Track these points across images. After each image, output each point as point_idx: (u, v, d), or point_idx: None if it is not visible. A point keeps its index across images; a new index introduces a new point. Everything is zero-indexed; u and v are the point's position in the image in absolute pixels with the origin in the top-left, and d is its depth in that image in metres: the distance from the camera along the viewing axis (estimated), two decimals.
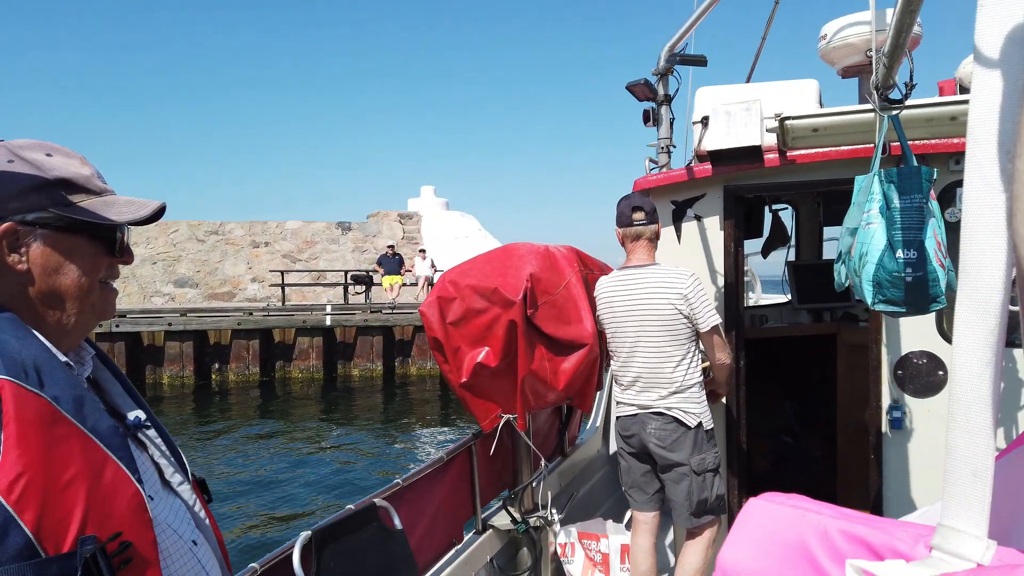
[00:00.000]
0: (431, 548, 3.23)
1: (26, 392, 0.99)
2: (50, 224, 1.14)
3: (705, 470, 3.33)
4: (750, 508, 1.37)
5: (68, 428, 1.02)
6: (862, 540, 1.03)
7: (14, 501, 0.94)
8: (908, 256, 2.56)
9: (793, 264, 5.79)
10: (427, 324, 3.38)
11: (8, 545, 0.93)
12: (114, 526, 1.02)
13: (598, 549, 3.71)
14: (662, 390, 3.34)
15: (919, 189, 2.59)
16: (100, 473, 1.03)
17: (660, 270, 3.40)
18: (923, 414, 3.63)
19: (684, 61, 4.05)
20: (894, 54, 2.55)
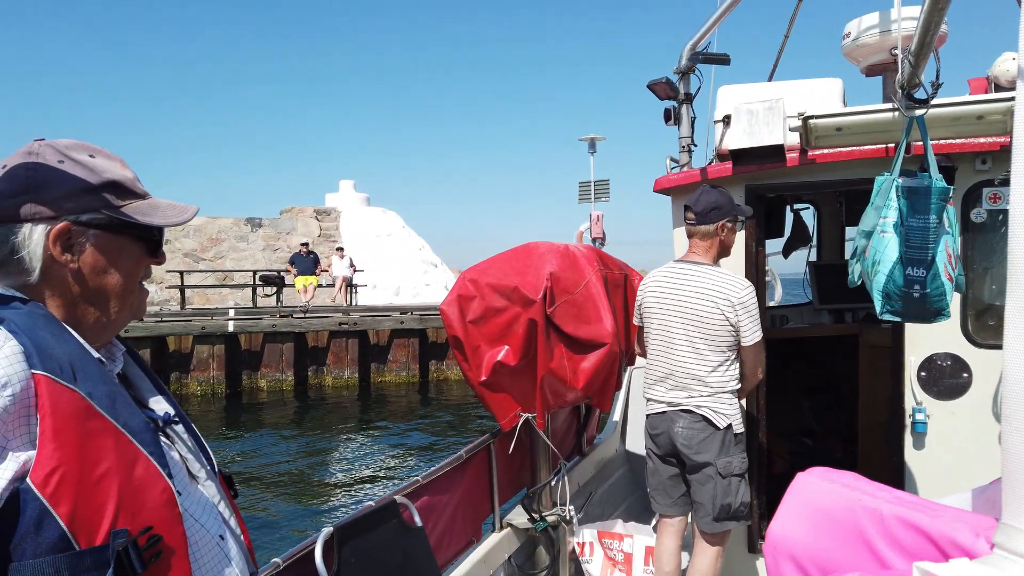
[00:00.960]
0: (450, 545, 3.24)
1: (62, 387, 1.01)
2: (102, 225, 1.17)
3: (731, 474, 3.26)
4: (802, 483, 1.36)
5: (102, 423, 1.04)
6: (919, 528, 1.02)
7: (49, 494, 0.96)
8: (916, 274, 2.63)
9: (814, 264, 5.74)
10: (447, 322, 3.39)
11: (43, 537, 0.95)
12: (145, 520, 1.04)
13: (620, 549, 3.70)
14: (693, 391, 3.29)
15: (932, 209, 2.61)
16: (132, 467, 1.05)
17: (716, 273, 3.32)
18: (947, 417, 3.59)
19: (707, 60, 4.02)
20: (920, 53, 2.52)
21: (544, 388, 3.39)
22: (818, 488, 1.29)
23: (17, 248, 1.10)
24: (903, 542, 1.06)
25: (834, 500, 1.23)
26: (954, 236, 2.69)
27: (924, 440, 3.61)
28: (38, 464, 0.96)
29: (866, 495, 1.18)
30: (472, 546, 3.43)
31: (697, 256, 3.40)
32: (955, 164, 3.31)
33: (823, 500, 1.25)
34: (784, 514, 1.34)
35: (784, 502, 1.39)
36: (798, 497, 1.34)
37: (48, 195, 1.12)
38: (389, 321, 18.63)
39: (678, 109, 4.22)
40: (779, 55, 5.31)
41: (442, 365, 19.30)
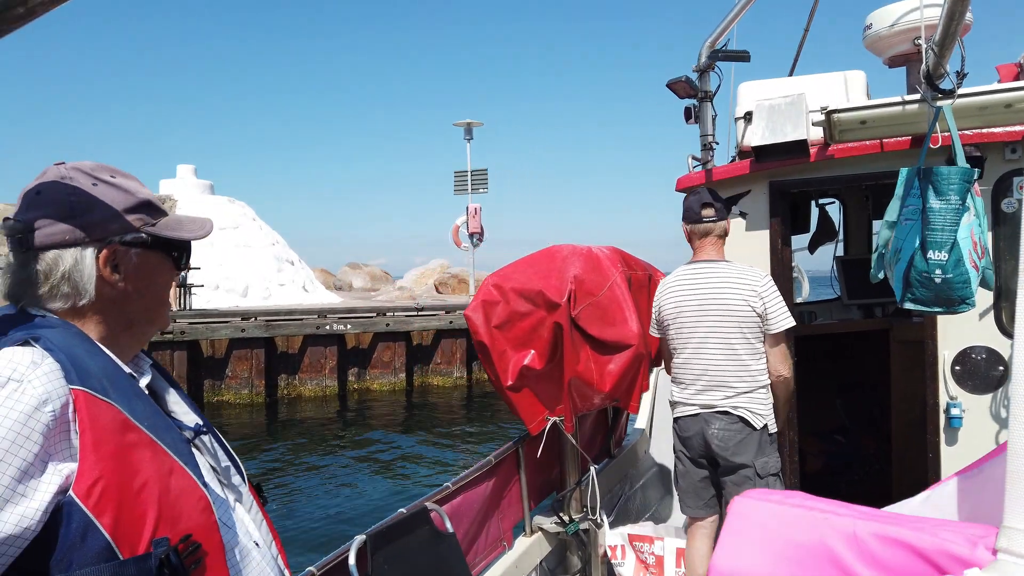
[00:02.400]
0: (481, 551, 3.24)
1: (99, 401, 1.04)
2: (144, 244, 1.22)
3: (768, 474, 3.22)
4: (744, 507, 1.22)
5: (138, 435, 1.07)
6: (904, 543, 0.93)
7: (92, 505, 0.98)
8: (938, 258, 2.57)
9: (842, 259, 5.67)
10: (472, 328, 3.39)
11: (88, 547, 0.98)
12: (184, 528, 1.07)
13: (651, 552, 3.67)
14: (728, 390, 3.24)
15: (956, 191, 2.55)
16: (168, 478, 1.08)
17: (734, 266, 3.32)
18: (983, 412, 3.52)
19: (726, 57, 3.99)
20: (945, 42, 2.48)
21: (571, 391, 3.38)
22: (768, 511, 1.15)
23: (69, 273, 1.13)
24: (886, 561, 0.97)
25: (790, 522, 1.09)
26: (982, 226, 2.63)
27: (960, 435, 3.54)
28: (80, 476, 0.99)
29: (829, 513, 1.06)
30: (503, 551, 3.43)
31: (712, 254, 3.39)
32: (984, 154, 3.25)
33: (777, 524, 1.12)
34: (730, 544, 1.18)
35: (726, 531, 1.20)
36: (744, 523, 1.16)
37: (92, 219, 1.15)
38: (227, 329, 15.93)
39: (698, 107, 4.19)
40: (799, 49, 5.26)
41: (293, 379, 16.82)
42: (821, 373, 5.29)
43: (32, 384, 0.98)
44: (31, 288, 1.13)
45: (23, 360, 1.00)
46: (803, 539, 1.02)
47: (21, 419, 0.96)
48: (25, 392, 0.97)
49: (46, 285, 1.13)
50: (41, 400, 0.98)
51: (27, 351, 1.02)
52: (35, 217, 1.13)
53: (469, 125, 22.54)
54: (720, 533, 1.16)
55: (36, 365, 1.00)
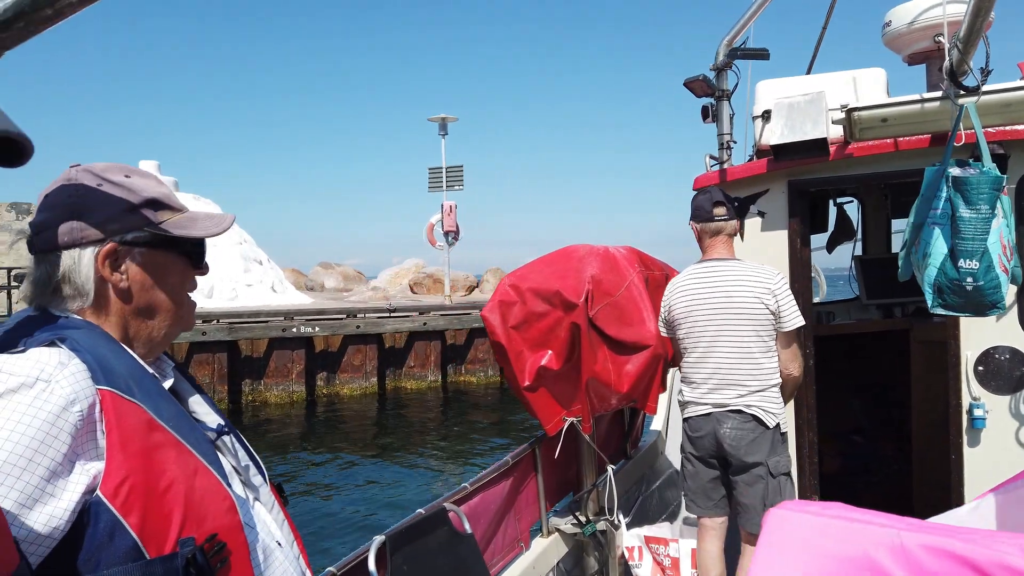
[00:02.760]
0: (498, 552, 3.24)
1: (126, 401, 1.04)
2: (147, 242, 1.20)
3: (780, 473, 3.22)
4: (779, 520, 1.15)
5: (163, 435, 1.07)
6: (956, 556, 0.89)
7: (120, 504, 0.99)
8: (970, 267, 2.57)
9: (860, 259, 5.62)
10: (489, 329, 3.39)
11: (116, 547, 0.98)
12: (209, 528, 1.07)
13: (667, 553, 3.65)
14: (741, 388, 3.23)
15: (986, 200, 2.53)
16: (193, 478, 1.08)
17: (746, 265, 3.31)
18: (1006, 412, 3.48)
19: (745, 55, 3.96)
20: (970, 39, 2.45)
21: (589, 392, 3.36)
22: (806, 523, 1.10)
23: (69, 274, 1.13)
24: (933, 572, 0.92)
25: (831, 534, 1.05)
26: (1010, 227, 2.60)
27: (983, 436, 3.50)
28: (107, 476, 0.99)
29: (873, 525, 1.02)
30: (520, 552, 3.43)
31: (723, 253, 3.37)
32: (1007, 152, 3.20)
33: (816, 536, 1.07)
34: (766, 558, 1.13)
35: (763, 545, 1.12)
36: (782, 537, 1.12)
37: (92, 219, 1.15)
38: (187, 332, 15.77)
39: (716, 106, 4.16)
40: (817, 47, 5.21)
41: (258, 385, 16.38)
42: (839, 374, 5.24)
43: (60, 384, 0.98)
44: (42, 290, 1.14)
45: (50, 361, 1.00)
46: (845, 552, 0.97)
47: (50, 419, 0.96)
48: (53, 392, 0.97)
49: (51, 286, 1.13)
50: (69, 400, 0.98)
51: (53, 352, 1.02)
52: (42, 220, 1.14)
53: (444, 120, 21.45)
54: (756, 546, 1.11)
55: (63, 366, 1.00)
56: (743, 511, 3.29)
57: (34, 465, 0.94)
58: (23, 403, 0.95)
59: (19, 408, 0.95)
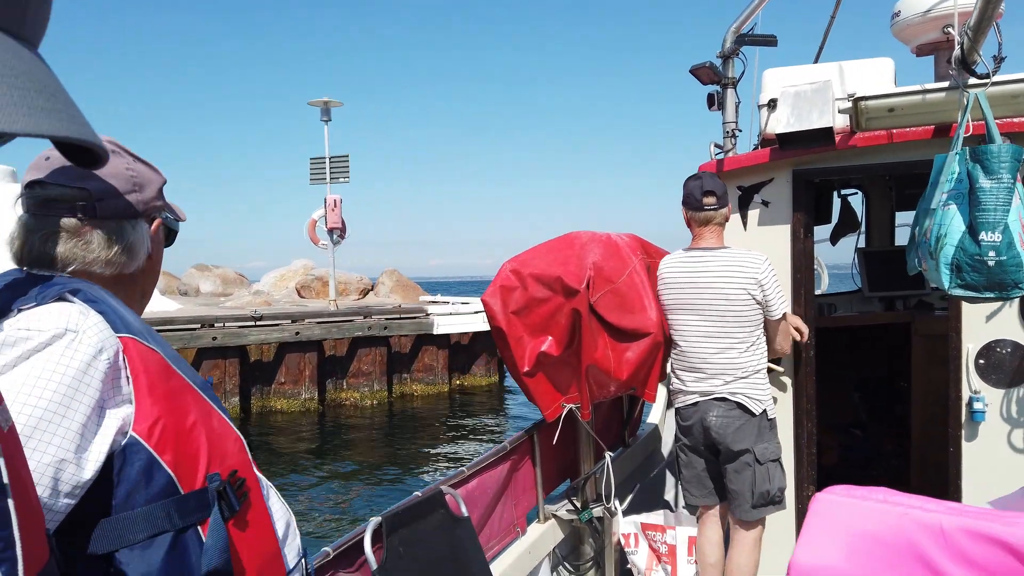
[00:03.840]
0: (494, 536, 3.24)
1: (146, 348, 1.08)
2: (167, 222, 1.32)
3: (768, 459, 3.24)
4: (824, 504, 1.19)
5: (180, 381, 1.12)
6: (994, 539, 0.90)
7: (155, 443, 1.04)
8: (991, 239, 2.48)
9: (864, 251, 5.60)
10: (490, 313, 3.38)
11: (154, 484, 1.03)
12: (230, 464, 1.14)
13: (664, 540, 3.66)
14: (727, 376, 3.25)
15: (1008, 168, 2.48)
16: (209, 419, 1.14)
17: (733, 253, 3.31)
18: (1007, 405, 3.47)
19: (753, 42, 3.92)
20: (980, 26, 2.42)
21: (588, 378, 3.36)
22: (850, 507, 1.14)
23: (132, 243, 1.21)
24: (974, 556, 0.94)
25: (874, 518, 1.08)
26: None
27: (983, 429, 3.49)
28: (139, 417, 1.04)
29: (915, 509, 1.04)
30: (516, 537, 3.43)
31: (711, 241, 3.36)
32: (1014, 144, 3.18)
33: (859, 520, 1.11)
34: (810, 540, 1.16)
35: (808, 526, 1.20)
36: (825, 520, 1.17)
37: (148, 194, 1.24)
38: None
39: (722, 94, 4.12)
40: (825, 36, 5.17)
41: None
42: (839, 365, 5.24)
43: (88, 334, 1.02)
44: (86, 254, 1.16)
45: (72, 312, 1.03)
46: (886, 535, 0.99)
47: (82, 367, 0.99)
48: (82, 342, 1.01)
49: (108, 251, 1.17)
50: (97, 349, 1.02)
51: (70, 305, 1.05)
52: (100, 188, 1.18)
53: (326, 105, 18.92)
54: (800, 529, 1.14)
55: (85, 316, 1.04)
56: (732, 498, 3.31)
57: (72, 412, 0.98)
58: (55, 354, 0.98)
59: (52, 359, 0.98)
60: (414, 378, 17.62)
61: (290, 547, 1.31)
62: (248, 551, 1.13)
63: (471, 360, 18.72)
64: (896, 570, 0.97)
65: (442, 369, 17.87)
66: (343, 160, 19.27)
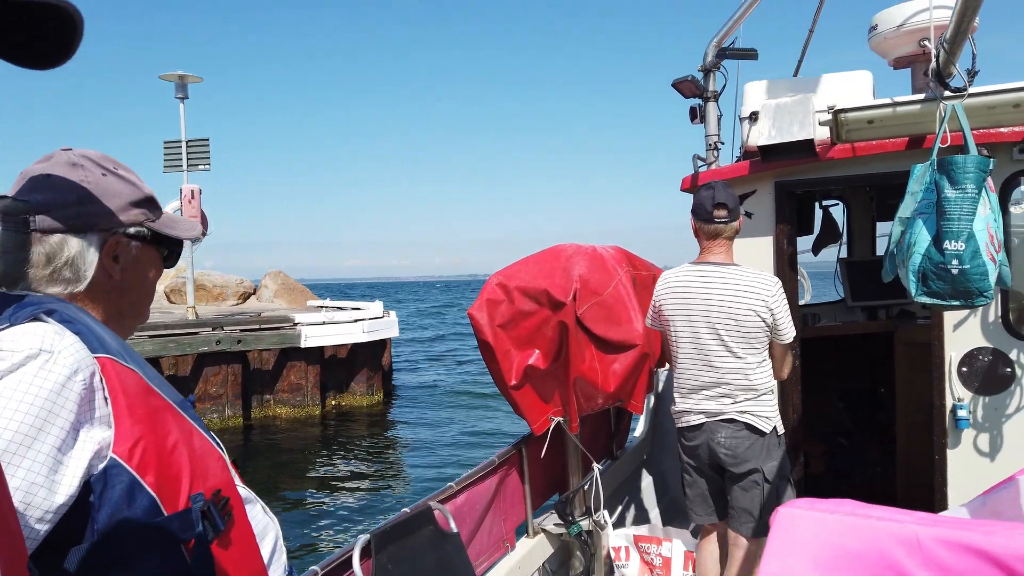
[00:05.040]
0: (483, 551, 3.22)
1: (124, 367, 1.06)
2: (143, 238, 1.24)
3: (778, 478, 3.15)
4: (788, 518, 1.15)
5: (159, 400, 1.10)
6: (973, 549, 0.89)
7: (136, 465, 1.01)
8: (955, 248, 2.52)
9: (846, 261, 5.65)
10: (476, 327, 3.37)
11: (136, 506, 1.01)
12: (212, 484, 1.12)
13: (658, 553, 3.65)
14: (736, 396, 3.13)
15: (972, 179, 2.52)
16: (190, 438, 1.12)
17: (744, 272, 3.14)
18: (990, 412, 3.50)
19: (734, 55, 3.97)
20: (956, 39, 2.47)
21: (576, 391, 3.35)
22: (816, 520, 1.11)
23: (73, 258, 1.14)
24: (951, 566, 0.92)
25: (844, 531, 1.05)
26: (997, 221, 2.60)
27: (966, 436, 3.52)
28: (119, 439, 1.02)
29: (887, 520, 1.02)
30: (505, 552, 3.41)
31: (719, 256, 3.19)
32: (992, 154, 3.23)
33: (828, 533, 1.07)
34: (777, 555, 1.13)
35: (772, 541, 1.15)
36: (791, 534, 1.12)
37: (102, 208, 1.17)
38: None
39: (704, 107, 4.17)
40: (804, 50, 5.24)
41: None
42: (824, 375, 5.27)
43: (63, 355, 0.99)
44: (29, 270, 1.13)
45: (47, 332, 1.01)
46: (858, 548, 0.97)
47: (56, 389, 0.97)
48: (57, 363, 0.98)
49: (48, 268, 1.13)
50: (72, 370, 0.99)
51: (45, 325, 1.02)
52: (43, 200, 1.13)
53: (182, 80, 16.32)
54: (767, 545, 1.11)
55: (61, 336, 1.01)
56: (736, 514, 3.22)
57: (45, 435, 0.95)
58: (29, 374, 0.96)
59: (26, 380, 0.96)
60: (278, 399, 15.23)
61: (277, 563, 1.29)
62: (233, 570, 1.12)
63: (349, 376, 16.30)
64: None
65: (312, 388, 15.36)
66: (202, 144, 16.62)
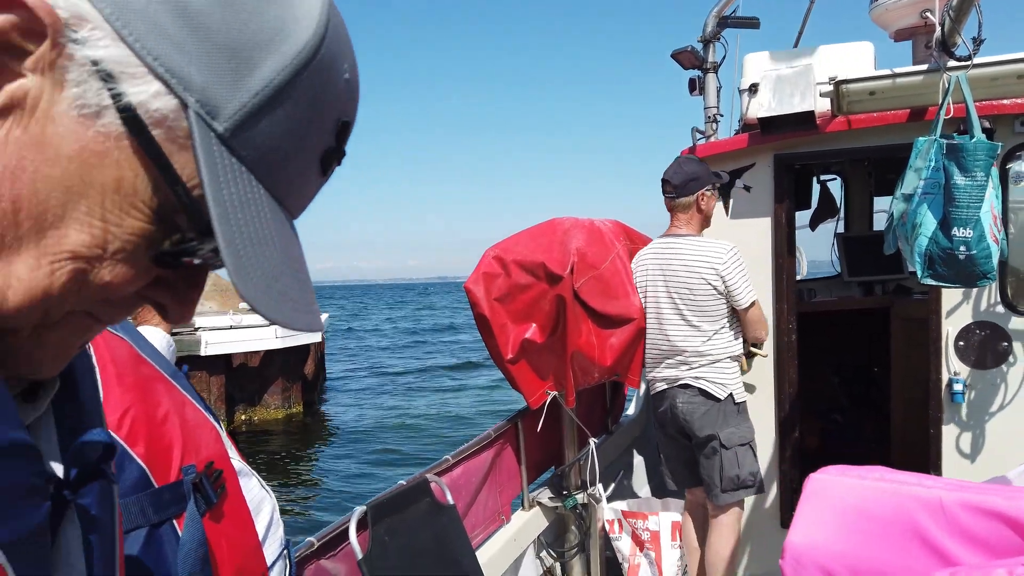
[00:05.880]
0: (479, 524, 3.23)
1: (114, 336, 1.04)
2: None
3: (735, 444, 3.22)
4: (819, 484, 1.21)
5: (151, 370, 1.08)
6: (994, 512, 0.90)
7: (125, 435, 1.00)
8: (963, 235, 2.55)
9: (843, 236, 5.63)
10: (473, 300, 3.35)
11: (126, 477, 0.99)
12: (205, 456, 1.10)
13: (646, 527, 3.66)
14: (692, 363, 3.26)
15: (982, 167, 2.52)
16: (183, 409, 1.10)
17: (696, 242, 3.29)
18: (984, 387, 3.51)
19: (735, 24, 3.91)
20: (961, 7, 2.42)
21: (573, 365, 3.34)
22: (846, 486, 1.15)
23: None
24: (972, 530, 0.94)
25: (870, 496, 1.10)
26: (999, 198, 2.60)
27: (962, 410, 3.53)
28: (108, 408, 0.98)
29: (913, 485, 1.04)
30: (501, 524, 3.42)
31: (680, 229, 3.35)
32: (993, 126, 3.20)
33: (855, 498, 1.12)
34: (804, 521, 1.17)
35: (802, 507, 1.21)
36: (819, 500, 1.18)
37: None
38: None
39: (703, 79, 4.12)
40: (804, 21, 5.17)
41: None
42: (820, 350, 5.27)
43: None
44: None
45: None
46: (884, 513, 0.99)
47: None
48: None
49: None
50: None
51: None
52: None
53: None
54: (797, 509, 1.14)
55: None
56: (706, 485, 3.30)
57: None
58: None
59: None
60: None
61: (273, 537, 1.27)
62: (226, 544, 1.10)
63: (262, 387, 14.93)
64: (894, 547, 0.97)
65: (216, 400, 13.89)
66: None
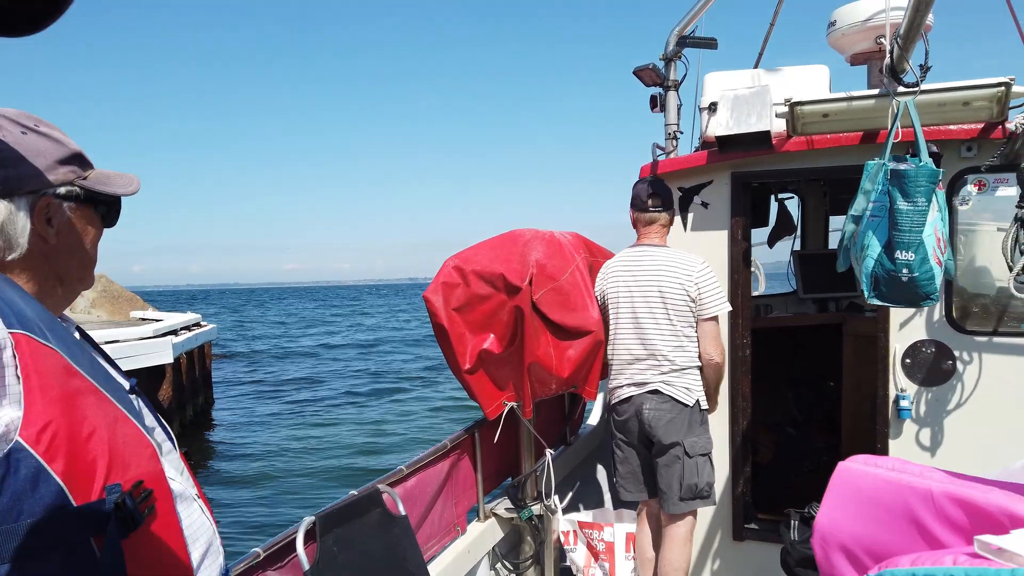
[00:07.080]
0: (434, 535, 3.21)
1: (41, 346, 0.99)
2: (77, 197, 1.16)
3: (698, 453, 3.30)
4: (844, 472, 1.39)
5: (82, 381, 1.03)
6: (971, 504, 1.02)
7: (43, 451, 0.94)
8: (906, 258, 2.66)
9: (799, 253, 5.75)
10: (431, 310, 3.34)
11: (40, 494, 0.94)
12: (134, 475, 1.05)
13: (601, 538, 3.68)
14: (661, 368, 3.34)
15: (923, 193, 2.62)
16: (115, 425, 1.05)
17: (672, 252, 3.43)
18: (930, 404, 3.60)
19: (694, 44, 3.99)
20: (909, 35, 2.50)
21: (530, 376, 3.35)
22: (862, 475, 1.31)
23: (4, 225, 1.08)
24: (955, 520, 1.07)
25: (880, 486, 1.24)
26: (944, 220, 2.70)
27: (908, 427, 3.62)
28: (28, 422, 0.95)
29: (914, 477, 1.18)
30: (456, 536, 3.40)
31: (654, 240, 3.49)
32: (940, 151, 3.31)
33: (868, 487, 1.27)
34: (830, 505, 1.37)
35: (828, 493, 1.38)
36: (842, 487, 1.35)
37: (25, 169, 1.10)
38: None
39: (664, 96, 4.18)
40: (764, 43, 5.29)
41: None
42: (775, 365, 5.37)
43: None
44: None
45: None
46: (888, 502, 1.17)
47: None
48: None
49: None
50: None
51: None
52: None
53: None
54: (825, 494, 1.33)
55: None
56: (662, 494, 3.35)
57: None
58: None
59: None
60: None
61: (212, 565, 1.22)
62: (152, 569, 1.05)
63: None
64: (896, 532, 1.13)
65: None
66: None
